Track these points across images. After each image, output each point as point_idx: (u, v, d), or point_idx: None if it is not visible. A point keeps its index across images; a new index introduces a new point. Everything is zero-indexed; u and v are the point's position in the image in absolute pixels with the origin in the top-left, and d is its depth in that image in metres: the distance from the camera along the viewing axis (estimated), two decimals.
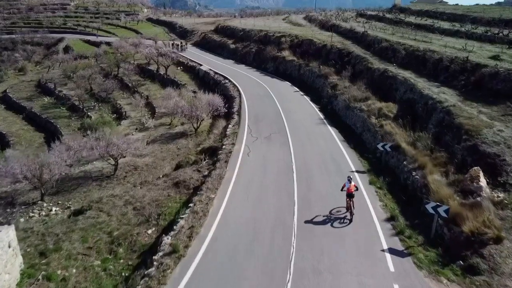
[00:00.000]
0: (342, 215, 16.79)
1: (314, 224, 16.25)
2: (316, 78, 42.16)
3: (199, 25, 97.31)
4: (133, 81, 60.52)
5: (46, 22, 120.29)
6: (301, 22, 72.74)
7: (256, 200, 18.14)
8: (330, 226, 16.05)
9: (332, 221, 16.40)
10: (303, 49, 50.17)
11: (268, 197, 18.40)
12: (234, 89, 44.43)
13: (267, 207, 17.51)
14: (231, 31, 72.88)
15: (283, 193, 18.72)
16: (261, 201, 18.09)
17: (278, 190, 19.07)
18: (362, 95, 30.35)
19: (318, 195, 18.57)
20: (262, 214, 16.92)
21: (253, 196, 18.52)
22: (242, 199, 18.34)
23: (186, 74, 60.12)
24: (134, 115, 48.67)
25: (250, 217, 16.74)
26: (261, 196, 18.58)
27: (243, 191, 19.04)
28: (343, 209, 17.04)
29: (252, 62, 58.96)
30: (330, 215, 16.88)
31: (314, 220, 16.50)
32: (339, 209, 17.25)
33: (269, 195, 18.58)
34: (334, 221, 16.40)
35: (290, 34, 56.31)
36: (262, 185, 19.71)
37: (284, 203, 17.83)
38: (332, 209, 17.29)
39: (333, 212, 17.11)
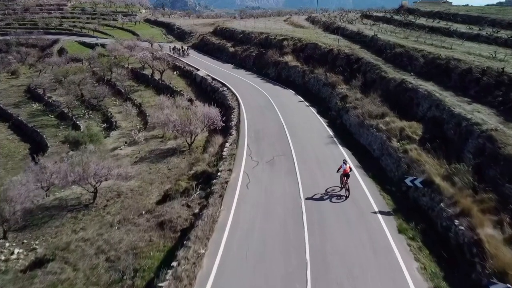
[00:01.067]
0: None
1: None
2: (323, 86, 37.94)
3: (197, 26, 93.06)
4: (126, 87, 56.36)
5: (42, 23, 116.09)
6: (303, 24, 68.48)
7: (257, 261, 13.92)
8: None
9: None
10: (307, 54, 45.93)
11: (273, 256, 14.17)
12: (232, 98, 40.25)
13: (272, 273, 13.34)
14: (230, 33, 68.64)
15: (291, 251, 14.49)
16: (263, 262, 13.87)
17: (285, 246, 14.80)
18: (377, 110, 26.13)
19: (335, 253, 14.38)
20: (265, 284, 12.79)
21: (254, 254, 14.30)
22: (240, 257, 14.14)
23: (182, 79, 55.94)
24: (125, 125, 44.56)
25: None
26: (264, 254, 14.33)
27: (241, 246, 14.82)
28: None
29: (252, 67, 54.74)
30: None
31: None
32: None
33: (274, 253, 14.33)
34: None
35: (293, 37, 52.07)
36: (264, 236, 15.44)
37: (293, 265, 13.65)
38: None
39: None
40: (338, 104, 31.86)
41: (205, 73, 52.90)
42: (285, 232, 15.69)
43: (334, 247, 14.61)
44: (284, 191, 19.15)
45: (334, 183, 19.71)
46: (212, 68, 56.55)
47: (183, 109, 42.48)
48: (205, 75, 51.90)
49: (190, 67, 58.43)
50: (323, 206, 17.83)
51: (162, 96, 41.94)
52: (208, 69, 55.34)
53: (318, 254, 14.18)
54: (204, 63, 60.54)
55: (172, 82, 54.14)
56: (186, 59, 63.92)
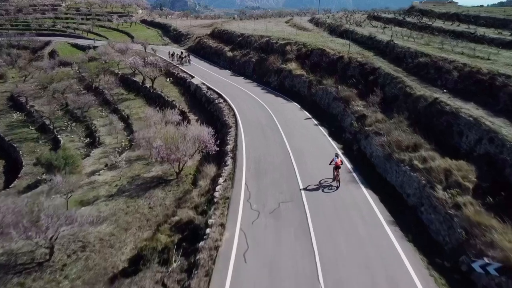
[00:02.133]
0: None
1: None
2: (333, 101, 32.29)
3: (195, 28, 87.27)
4: (114, 95, 50.76)
5: (35, 24, 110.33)
6: (307, 26, 62.77)
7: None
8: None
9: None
10: (313, 61, 40.26)
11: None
12: (229, 113, 34.64)
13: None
14: (228, 36, 62.91)
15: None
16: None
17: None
18: (408, 139, 20.49)
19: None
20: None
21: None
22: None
23: (175, 87, 50.29)
24: (109, 142, 38.94)
25: None
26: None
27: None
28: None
29: (252, 74, 49.09)
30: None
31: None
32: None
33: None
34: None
35: (297, 42, 46.38)
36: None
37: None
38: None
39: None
40: (354, 126, 26.24)
41: (200, 81, 47.25)
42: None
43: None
44: (295, 269, 13.49)
45: (365, 255, 14.09)
46: (208, 75, 50.90)
47: (173, 126, 37.09)
48: (200, 84, 46.26)
49: (185, 73, 52.76)
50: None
51: (150, 109, 36.28)
52: (204, 76, 49.70)
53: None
54: (200, 69, 54.87)
55: (164, 90, 48.53)
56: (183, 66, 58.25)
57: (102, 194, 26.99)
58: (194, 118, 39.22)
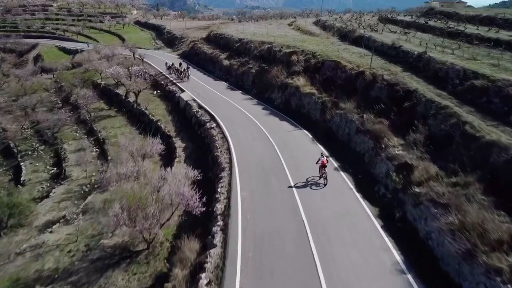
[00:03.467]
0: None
1: None
2: (356, 134, 24.37)
3: (190, 30, 79.13)
4: (93, 111, 42.90)
5: (23, 25, 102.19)
6: (313, 30, 54.67)
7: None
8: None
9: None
10: (326, 76, 32.31)
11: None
12: (222, 145, 26.78)
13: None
14: (225, 41, 54.80)
15: None
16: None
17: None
18: (498, 227, 12.62)
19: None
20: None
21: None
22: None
23: (162, 102, 42.39)
24: (77, 175, 31.11)
25: None
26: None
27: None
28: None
29: (251, 88, 41.15)
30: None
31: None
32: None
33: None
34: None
35: (304, 51, 38.37)
36: None
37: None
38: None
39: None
40: (394, 180, 18.35)
41: (191, 96, 39.33)
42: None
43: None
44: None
45: None
46: (200, 87, 42.95)
47: (156, 159, 29.25)
48: (190, 100, 38.34)
49: (174, 85, 44.83)
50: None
51: (123, 139, 28.33)
52: (196, 90, 41.75)
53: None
54: (192, 80, 46.87)
55: (149, 106, 40.67)
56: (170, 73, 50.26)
57: (48, 268, 19.36)
58: (181, 145, 31.47)
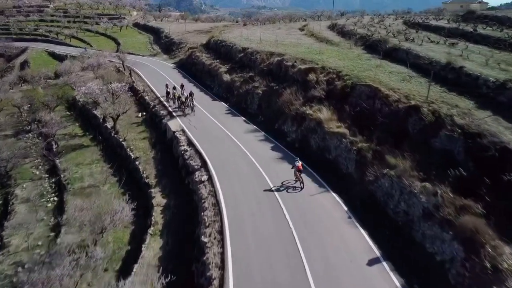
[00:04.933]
0: None
1: None
2: (425, 220, 14.94)
3: (190, 34, 69.86)
4: (64, 138, 34.05)
5: (15, 27, 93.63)
6: (329, 37, 45.10)
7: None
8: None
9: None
10: (359, 108, 22.92)
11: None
12: (213, 225, 17.59)
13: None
14: (227, 50, 45.50)
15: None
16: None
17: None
18: None
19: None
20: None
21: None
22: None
23: (146, 130, 33.26)
24: (18, 244, 22.29)
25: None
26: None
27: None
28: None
29: (256, 113, 31.89)
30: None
31: None
32: None
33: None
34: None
35: (325, 67, 29.01)
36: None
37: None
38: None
39: None
40: None
41: (180, 125, 30.26)
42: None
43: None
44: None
45: None
46: (195, 110, 33.78)
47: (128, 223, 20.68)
48: (178, 131, 29.25)
49: (163, 108, 35.75)
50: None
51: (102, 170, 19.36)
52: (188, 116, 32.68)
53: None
54: None
55: (130, 135, 31.72)
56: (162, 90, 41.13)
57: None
58: (160, 202, 22.50)
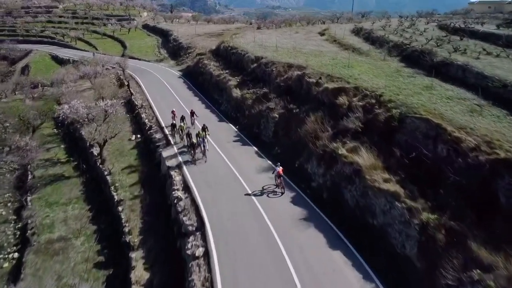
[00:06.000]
0: None
1: None
2: None
3: (200, 37, 63.71)
4: (42, 165, 28.38)
5: (22, 29, 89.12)
6: (356, 43, 38.24)
7: None
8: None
9: None
10: (414, 154, 16.27)
11: None
12: None
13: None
14: (237, 59, 39.14)
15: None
16: None
17: None
18: None
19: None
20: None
21: None
22: None
23: (138, 159, 27.21)
24: None
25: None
26: None
27: None
28: None
29: (272, 143, 25.39)
30: None
31: None
32: None
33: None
34: None
35: (359, 88, 22.32)
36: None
37: None
38: None
39: None
40: None
41: (177, 159, 24.08)
42: None
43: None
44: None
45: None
46: None
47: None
48: (174, 166, 23.08)
49: (160, 130, 29.68)
50: None
51: None
52: None
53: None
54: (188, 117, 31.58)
55: (118, 165, 25.78)
56: (163, 104, 35.12)
57: None
58: (140, 278, 16.41)
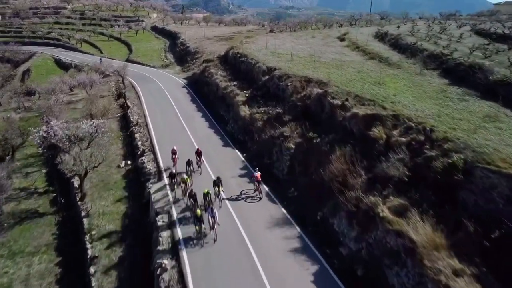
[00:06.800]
0: None
1: None
2: None
3: (209, 41, 58.84)
4: (13, 198, 23.82)
5: (28, 30, 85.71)
6: (382, 51, 32.73)
7: None
8: None
9: None
10: (498, 233, 11.01)
11: None
12: None
13: None
14: (247, 68, 34.06)
15: None
16: None
17: None
18: None
19: None
20: None
21: None
22: None
23: (123, 198, 22.35)
24: None
25: None
26: None
27: None
28: None
29: (287, 181, 20.17)
30: None
31: None
32: None
33: None
34: None
35: (399, 115, 17.02)
36: None
37: None
38: None
39: None
40: None
41: (169, 197, 19.15)
42: None
43: None
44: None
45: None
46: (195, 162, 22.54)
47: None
48: (166, 209, 18.15)
49: (150, 151, 24.82)
50: None
51: None
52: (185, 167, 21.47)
53: None
54: (187, 138, 26.67)
55: (97, 205, 21.00)
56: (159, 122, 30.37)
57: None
58: None
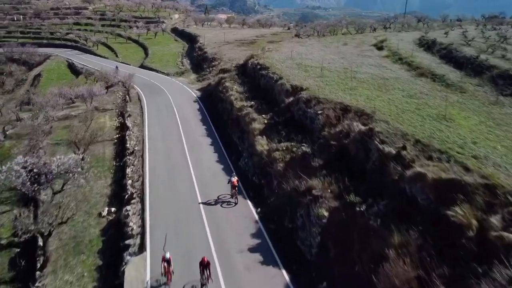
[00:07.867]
0: None
1: None
2: None
3: (229, 45, 53.14)
4: None
5: (47, 31, 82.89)
6: (432, 65, 25.94)
7: None
8: None
9: None
10: None
11: None
12: None
13: None
14: (268, 85, 28.03)
15: None
16: None
17: None
18: None
19: None
20: None
21: None
22: None
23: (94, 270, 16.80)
24: None
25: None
26: None
27: None
28: None
29: (317, 268, 14.05)
30: None
31: None
32: None
33: None
34: None
35: (497, 189, 10.70)
36: None
37: None
38: None
39: None
40: None
41: (145, 280, 13.46)
42: None
43: None
44: None
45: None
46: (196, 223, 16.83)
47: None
48: None
49: (137, 214, 19.23)
50: None
51: None
52: (179, 232, 15.77)
53: None
54: (187, 176, 21.02)
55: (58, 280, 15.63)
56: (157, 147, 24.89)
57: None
58: None
